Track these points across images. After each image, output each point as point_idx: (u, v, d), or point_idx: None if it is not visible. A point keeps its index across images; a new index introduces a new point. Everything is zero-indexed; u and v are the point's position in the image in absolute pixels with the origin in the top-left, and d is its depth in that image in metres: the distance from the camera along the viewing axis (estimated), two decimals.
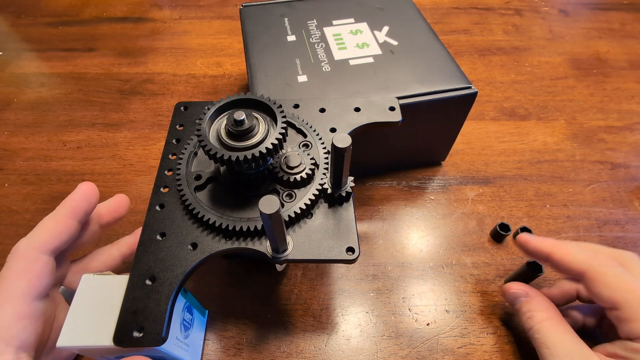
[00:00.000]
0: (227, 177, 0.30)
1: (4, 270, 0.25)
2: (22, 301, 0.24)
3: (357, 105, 0.34)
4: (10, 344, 0.24)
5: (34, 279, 0.25)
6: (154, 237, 0.27)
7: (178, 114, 0.35)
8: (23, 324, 0.24)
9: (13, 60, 0.67)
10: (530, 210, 0.46)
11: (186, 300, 0.32)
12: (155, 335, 0.23)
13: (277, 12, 0.51)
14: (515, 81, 0.62)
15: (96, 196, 0.30)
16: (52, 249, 0.26)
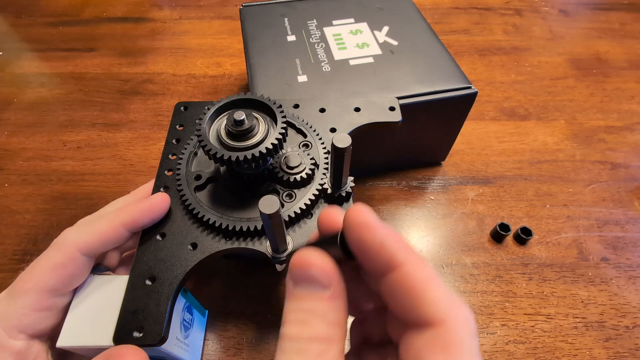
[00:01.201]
0: (227, 177, 0.30)
1: (42, 256, 0.25)
2: (46, 294, 0.24)
3: (357, 105, 0.34)
4: (23, 331, 0.24)
5: (65, 277, 0.25)
6: (154, 238, 0.27)
7: (178, 114, 0.35)
8: (41, 314, 0.24)
9: (13, 60, 0.67)
10: (530, 210, 0.46)
11: (186, 300, 0.32)
12: (155, 335, 0.23)
13: (277, 12, 0.51)
14: (515, 81, 0.62)
15: (164, 212, 0.28)
16: (94, 252, 0.26)
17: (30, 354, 0.24)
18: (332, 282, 0.17)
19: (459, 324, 0.16)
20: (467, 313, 0.16)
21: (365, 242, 0.16)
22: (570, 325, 0.38)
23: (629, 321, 0.38)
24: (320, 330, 0.16)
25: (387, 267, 0.16)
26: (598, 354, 0.36)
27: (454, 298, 0.16)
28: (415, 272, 0.16)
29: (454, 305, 0.16)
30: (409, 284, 0.16)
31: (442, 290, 0.16)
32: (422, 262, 0.17)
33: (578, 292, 0.40)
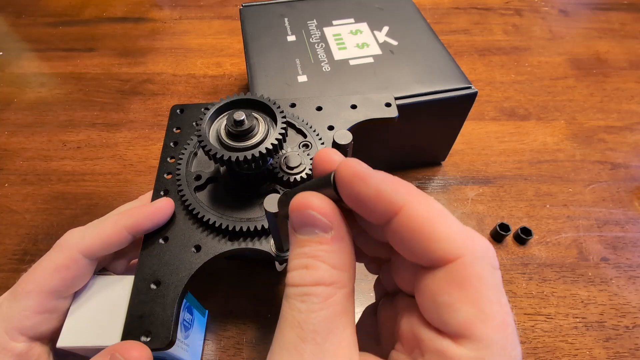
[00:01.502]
0: (227, 177, 0.30)
1: (44, 258, 0.25)
2: (48, 296, 0.24)
3: (353, 102, 0.34)
4: (24, 333, 0.24)
5: (67, 279, 0.25)
6: (157, 241, 0.27)
7: (174, 116, 0.34)
8: (43, 317, 0.24)
9: (13, 60, 0.67)
10: (530, 210, 0.46)
11: (186, 300, 0.32)
12: (163, 339, 0.23)
13: (277, 12, 0.51)
14: (515, 81, 0.62)
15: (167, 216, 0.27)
16: (96, 255, 0.26)
17: (32, 356, 0.24)
18: (333, 224, 0.16)
19: (475, 257, 0.14)
20: (485, 245, 0.15)
21: (360, 194, 0.15)
22: (570, 325, 0.38)
23: (629, 321, 0.38)
24: (324, 274, 0.15)
25: (389, 214, 0.15)
26: (598, 354, 0.36)
27: (467, 231, 0.15)
28: (419, 210, 0.15)
29: (467, 238, 0.15)
30: (413, 225, 0.15)
31: (452, 225, 0.15)
32: (425, 199, 0.15)
33: (578, 292, 0.40)
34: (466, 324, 0.14)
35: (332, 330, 0.15)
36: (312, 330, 0.15)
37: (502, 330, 0.14)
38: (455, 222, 0.15)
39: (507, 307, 0.14)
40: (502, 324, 0.14)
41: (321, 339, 0.15)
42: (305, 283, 0.15)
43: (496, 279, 0.15)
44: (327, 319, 0.15)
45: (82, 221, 0.28)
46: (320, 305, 0.15)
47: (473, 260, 0.14)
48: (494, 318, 0.14)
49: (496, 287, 0.14)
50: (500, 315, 0.14)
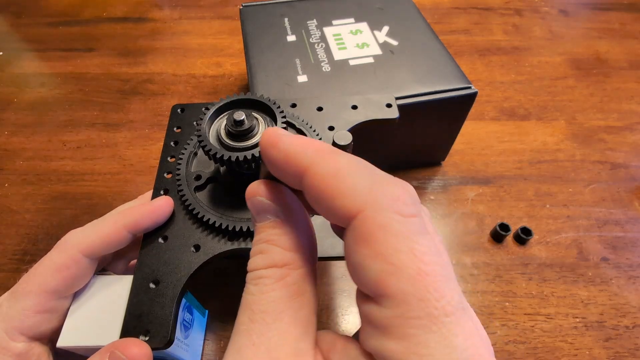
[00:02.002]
0: (227, 177, 0.30)
1: (45, 258, 0.25)
2: (49, 296, 0.24)
3: (354, 103, 0.34)
4: (24, 333, 0.24)
5: (68, 279, 0.25)
6: (156, 241, 0.27)
7: (175, 116, 0.34)
8: (43, 316, 0.24)
9: (13, 60, 0.67)
10: (530, 210, 0.46)
11: (186, 300, 0.32)
12: (162, 338, 0.23)
13: (277, 12, 0.51)
14: (515, 81, 0.62)
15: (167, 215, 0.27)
16: (97, 255, 0.26)
17: (32, 356, 0.24)
18: (280, 208, 0.16)
19: (378, 207, 0.13)
20: (389, 192, 0.14)
21: (273, 160, 0.16)
22: (570, 325, 0.38)
23: (629, 321, 0.38)
24: (276, 257, 0.16)
25: (298, 175, 0.15)
26: (598, 354, 0.36)
27: (374, 181, 0.14)
28: (323, 168, 0.14)
29: (373, 189, 0.14)
30: (317, 184, 0.14)
31: (356, 178, 0.14)
32: (332, 155, 0.15)
33: (578, 292, 0.40)
34: (378, 281, 0.13)
35: (283, 311, 0.15)
36: (262, 311, 0.15)
37: (417, 281, 0.12)
38: (363, 175, 0.14)
39: (426, 255, 0.13)
40: (418, 274, 0.13)
41: (271, 319, 0.15)
42: (258, 267, 0.16)
43: (408, 226, 0.13)
44: (279, 299, 0.15)
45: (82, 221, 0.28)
46: (272, 287, 0.15)
47: (375, 212, 0.13)
48: (405, 269, 0.13)
49: (408, 235, 0.13)
50: (414, 264, 0.13)
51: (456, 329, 0.12)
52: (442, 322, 0.12)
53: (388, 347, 0.13)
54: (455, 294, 0.13)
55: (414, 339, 0.12)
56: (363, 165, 0.15)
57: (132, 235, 0.27)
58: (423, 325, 0.12)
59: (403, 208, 0.13)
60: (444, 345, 0.12)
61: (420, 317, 0.12)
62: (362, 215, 0.13)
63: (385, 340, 0.13)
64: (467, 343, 0.12)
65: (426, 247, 0.13)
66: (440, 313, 0.12)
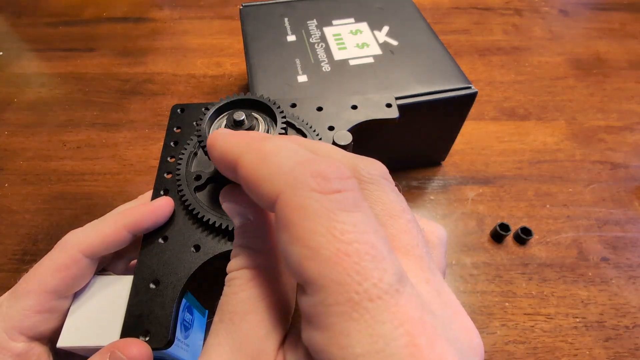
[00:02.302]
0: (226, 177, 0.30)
1: (45, 258, 0.25)
2: (49, 296, 0.24)
3: (354, 103, 0.34)
4: (24, 333, 0.24)
5: (68, 278, 0.25)
6: (156, 241, 0.27)
7: (175, 116, 0.34)
8: (43, 316, 0.24)
9: (13, 60, 0.67)
10: (530, 210, 0.46)
11: (186, 300, 0.32)
12: (162, 339, 0.23)
13: (277, 12, 0.51)
14: (515, 81, 0.62)
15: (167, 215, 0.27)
16: (97, 254, 0.26)
17: (31, 356, 0.24)
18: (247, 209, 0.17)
19: (294, 187, 0.12)
20: (316, 168, 0.13)
21: (215, 159, 0.16)
22: (570, 325, 0.38)
23: (629, 321, 0.38)
24: (247, 259, 0.16)
25: (233, 171, 0.15)
26: (598, 354, 0.36)
27: (299, 160, 0.13)
28: (249, 157, 0.14)
29: (294, 168, 0.13)
30: (245, 173, 0.14)
31: (279, 160, 0.13)
32: (258, 143, 0.14)
33: (578, 292, 0.40)
34: (298, 267, 0.12)
35: (251, 311, 0.15)
36: (230, 312, 0.15)
37: (335, 264, 0.11)
38: (288, 156, 0.13)
39: (347, 234, 0.11)
40: (335, 256, 0.11)
41: (238, 319, 0.14)
42: (231, 269, 0.16)
43: (327, 203, 0.12)
44: (247, 300, 0.15)
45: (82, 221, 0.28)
46: (241, 288, 0.15)
47: (292, 193, 0.12)
48: (322, 251, 0.11)
49: (325, 214, 0.12)
50: (332, 245, 0.11)
51: (383, 315, 0.11)
52: (364, 307, 0.11)
53: (313, 338, 0.12)
54: (387, 274, 0.11)
55: (334, 327, 0.11)
56: (293, 146, 0.14)
57: (132, 236, 0.27)
58: (343, 313, 0.11)
59: (323, 184, 0.12)
60: (367, 335, 0.11)
61: (340, 304, 0.11)
62: (280, 198, 0.13)
63: (311, 330, 0.12)
64: (398, 331, 0.11)
65: (349, 224, 0.12)
66: (363, 298, 0.11)
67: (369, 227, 0.12)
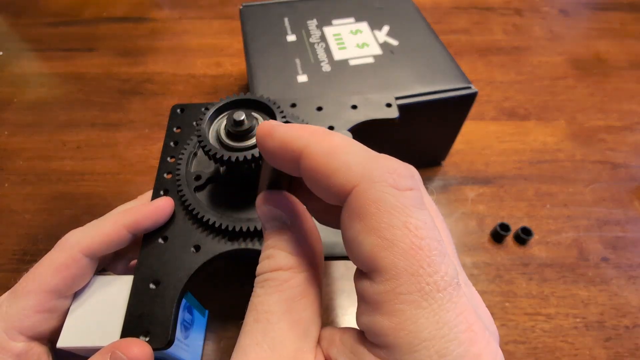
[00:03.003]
0: (226, 177, 0.30)
1: (45, 257, 0.25)
2: (49, 295, 0.24)
3: (353, 102, 0.34)
4: (24, 333, 0.24)
5: (68, 278, 0.25)
6: (157, 241, 0.27)
7: (175, 116, 0.34)
8: (42, 316, 0.24)
9: (13, 60, 0.67)
10: (531, 210, 0.46)
11: (186, 300, 0.32)
12: (162, 339, 0.23)
13: (277, 12, 0.51)
14: (515, 81, 0.62)
15: (167, 216, 0.27)
16: (97, 254, 0.26)
17: (31, 356, 0.24)
18: (286, 215, 0.17)
19: (371, 181, 0.13)
20: (384, 165, 0.14)
21: (271, 150, 0.16)
22: (570, 325, 0.38)
23: (629, 321, 0.38)
24: (282, 261, 0.16)
25: (295, 160, 0.15)
26: (598, 354, 0.36)
27: (367, 157, 0.14)
28: (318, 148, 0.15)
29: (367, 163, 0.14)
30: (313, 163, 0.14)
31: (350, 154, 0.14)
32: (327, 135, 0.15)
33: (578, 292, 0.40)
34: (370, 256, 0.13)
35: (287, 311, 0.15)
36: (266, 312, 0.15)
37: (410, 256, 0.12)
38: (357, 151, 0.14)
39: (420, 229, 0.13)
40: (410, 249, 0.12)
41: (275, 319, 0.15)
42: (265, 270, 0.16)
43: (402, 199, 0.13)
44: (283, 300, 0.15)
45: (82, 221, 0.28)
46: (276, 289, 0.16)
47: (369, 186, 0.13)
48: (398, 243, 0.12)
49: (402, 209, 0.13)
50: (408, 239, 0.12)
51: (448, 305, 0.12)
52: (433, 297, 0.12)
53: (378, 323, 0.13)
54: (450, 269, 0.13)
55: (403, 314, 0.12)
56: (358, 143, 0.15)
57: (132, 235, 0.27)
58: (413, 301, 0.12)
59: (399, 180, 0.13)
60: (434, 321, 0.12)
61: (411, 292, 0.12)
62: (356, 190, 0.13)
63: (376, 315, 0.13)
64: (459, 318, 0.12)
65: (421, 221, 0.13)
66: (433, 288, 0.12)
67: (434, 225, 0.13)
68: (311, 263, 0.17)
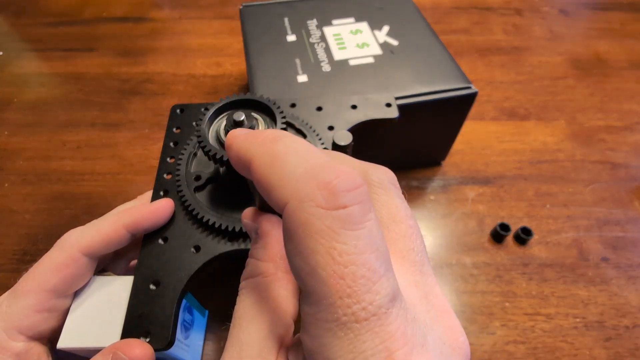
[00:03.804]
0: (226, 178, 0.30)
1: (44, 257, 0.25)
2: (48, 295, 0.24)
3: (353, 102, 0.34)
4: (23, 332, 0.24)
5: (67, 277, 0.25)
6: (156, 241, 0.27)
7: (174, 116, 0.34)
8: (42, 316, 0.24)
9: (13, 60, 0.67)
10: (531, 210, 0.46)
11: (186, 300, 0.32)
12: (163, 340, 0.23)
13: (277, 12, 0.51)
14: (515, 81, 0.62)
15: (167, 217, 0.27)
16: (96, 254, 0.26)
17: (31, 356, 0.24)
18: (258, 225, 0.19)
19: (299, 201, 0.12)
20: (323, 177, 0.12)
21: (231, 159, 0.16)
22: (570, 325, 0.38)
23: (629, 321, 0.38)
24: (253, 268, 0.18)
25: (247, 171, 0.15)
26: (598, 354, 0.36)
27: (307, 167, 0.13)
28: (261, 160, 0.14)
29: (300, 178, 0.13)
30: (257, 177, 0.14)
31: (288, 167, 0.13)
32: (269, 145, 0.14)
33: (578, 292, 0.40)
34: (299, 278, 0.13)
35: (256, 314, 0.16)
36: (239, 317, 0.17)
37: (330, 285, 0.12)
38: (295, 162, 0.13)
39: (345, 255, 0.12)
40: (331, 278, 0.12)
41: (245, 322, 0.16)
42: (242, 279, 0.18)
43: (329, 222, 0.12)
44: (252, 305, 0.17)
45: (82, 221, 0.28)
46: (248, 295, 0.17)
47: (296, 206, 0.12)
48: (319, 271, 0.12)
49: (327, 233, 0.12)
50: (329, 267, 0.12)
51: (366, 335, 0.12)
52: (349, 328, 0.12)
53: (304, 340, 0.13)
54: (379, 296, 0.12)
55: (321, 339, 0.12)
56: (303, 152, 0.14)
57: (132, 235, 0.27)
58: (330, 329, 0.12)
59: (329, 198, 0.12)
60: (348, 351, 0.12)
61: (328, 321, 0.12)
62: (286, 209, 0.13)
63: (304, 334, 0.13)
64: (378, 347, 0.12)
65: (350, 245, 0.12)
66: (350, 319, 0.12)
67: (370, 246, 0.12)
68: (280, 268, 0.17)
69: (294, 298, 0.17)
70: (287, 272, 0.17)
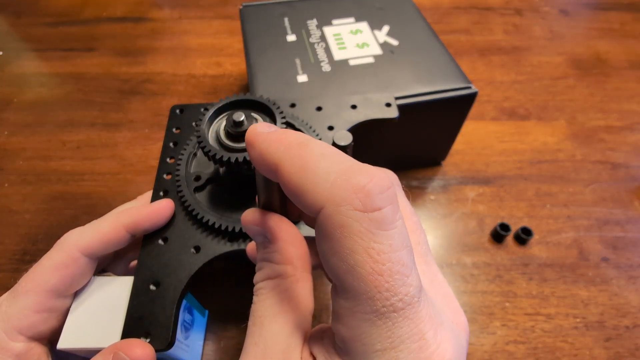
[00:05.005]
0: (226, 178, 0.30)
1: (44, 257, 0.25)
2: (48, 295, 0.24)
3: (353, 102, 0.34)
4: (23, 332, 0.24)
5: (67, 277, 0.25)
6: (156, 242, 0.27)
7: (174, 116, 0.34)
8: (42, 316, 0.24)
9: (13, 60, 0.67)
10: (531, 210, 0.46)
11: (186, 301, 0.32)
12: (163, 341, 0.23)
13: (277, 12, 0.51)
14: (516, 81, 0.62)
15: (167, 218, 0.27)
16: (96, 254, 0.26)
17: (31, 356, 0.24)
18: (267, 230, 0.18)
19: (336, 204, 0.13)
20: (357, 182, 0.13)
21: (253, 159, 0.16)
22: (570, 325, 0.38)
23: (629, 321, 0.38)
24: (269, 271, 0.18)
25: (274, 173, 0.15)
26: (598, 354, 0.36)
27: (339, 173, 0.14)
28: (290, 165, 0.15)
29: (335, 182, 0.13)
30: (287, 182, 0.15)
31: (319, 172, 0.14)
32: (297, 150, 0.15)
33: (578, 292, 0.40)
34: (335, 275, 0.14)
35: (277, 314, 0.17)
36: (260, 316, 0.17)
37: (369, 281, 0.13)
38: (327, 167, 0.14)
39: (382, 254, 0.13)
40: (370, 274, 0.13)
41: (267, 322, 0.17)
42: (257, 281, 0.18)
43: (366, 223, 0.13)
44: (273, 305, 0.17)
45: (82, 221, 0.28)
46: (267, 295, 0.18)
47: (333, 210, 0.13)
48: (358, 270, 0.13)
49: (365, 234, 0.13)
50: (368, 265, 0.13)
51: (402, 322, 0.13)
52: (388, 317, 0.13)
53: (341, 331, 0.14)
54: (412, 288, 0.13)
55: (359, 328, 0.13)
56: (330, 156, 0.14)
57: (131, 236, 0.27)
58: (369, 319, 0.13)
59: (365, 201, 0.13)
60: (386, 336, 0.13)
61: (367, 312, 0.13)
62: (322, 213, 0.14)
63: (339, 324, 0.14)
64: (413, 331, 0.13)
65: (385, 244, 0.13)
66: (388, 310, 0.13)
67: (401, 243, 0.14)
68: (297, 268, 0.18)
69: (311, 295, 0.18)
70: (306, 271, 0.18)
